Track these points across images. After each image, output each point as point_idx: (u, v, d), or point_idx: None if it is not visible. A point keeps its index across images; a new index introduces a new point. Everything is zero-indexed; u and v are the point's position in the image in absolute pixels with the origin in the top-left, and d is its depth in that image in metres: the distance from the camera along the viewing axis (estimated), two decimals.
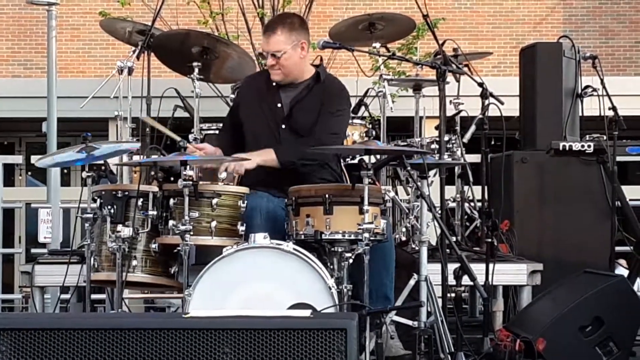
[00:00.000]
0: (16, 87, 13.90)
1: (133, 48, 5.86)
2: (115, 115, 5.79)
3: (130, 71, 5.67)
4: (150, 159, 4.93)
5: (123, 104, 5.76)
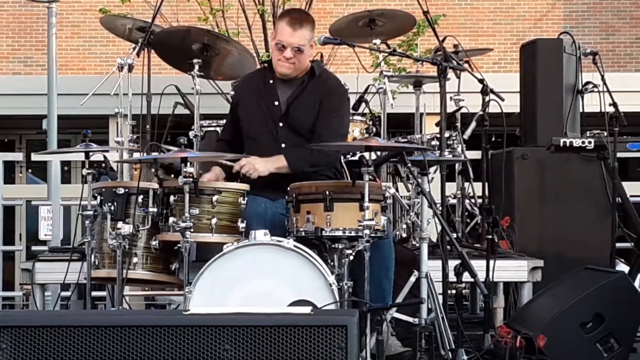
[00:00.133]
0: (16, 85, 13.89)
1: (133, 45, 5.85)
2: (116, 113, 5.78)
3: (130, 68, 5.66)
4: (151, 156, 4.93)
5: (123, 101, 5.75)
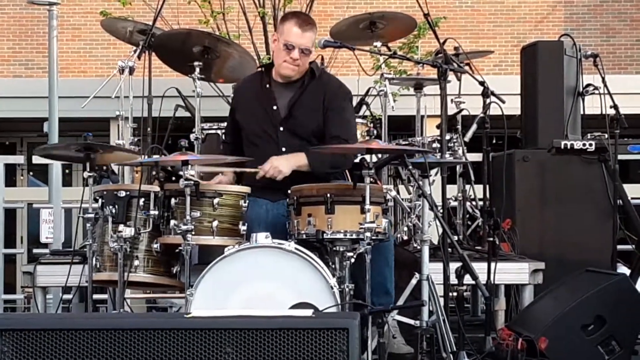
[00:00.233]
0: (17, 87, 13.90)
1: (134, 48, 5.86)
2: (117, 115, 5.78)
3: (131, 71, 5.66)
4: (152, 158, 4.93)
5: (124, 103, 5.76)
